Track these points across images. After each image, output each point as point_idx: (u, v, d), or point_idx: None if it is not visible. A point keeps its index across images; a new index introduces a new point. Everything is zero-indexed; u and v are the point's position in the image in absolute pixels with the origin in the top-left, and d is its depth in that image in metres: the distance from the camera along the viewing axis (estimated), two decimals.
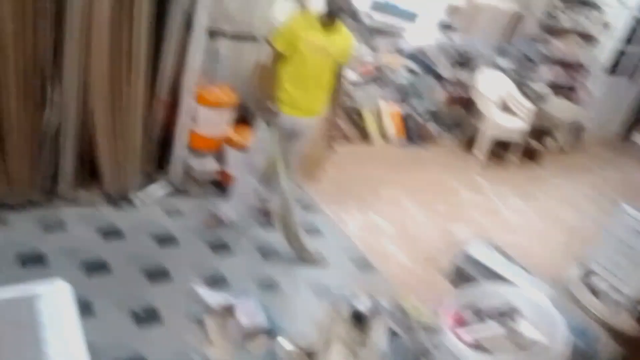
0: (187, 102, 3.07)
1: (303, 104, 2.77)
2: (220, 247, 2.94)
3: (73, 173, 2.87)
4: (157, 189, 3.17)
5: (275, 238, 3.05)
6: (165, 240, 2.86)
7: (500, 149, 5.24)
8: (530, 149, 5.46)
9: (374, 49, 4.50)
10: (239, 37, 3.28)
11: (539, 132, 5.48)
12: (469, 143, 5.34)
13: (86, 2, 2.45)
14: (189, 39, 2.92)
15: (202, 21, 2.88)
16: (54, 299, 1.47)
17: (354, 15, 4.24)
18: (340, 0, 2.56)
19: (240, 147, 3.23)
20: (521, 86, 5.45)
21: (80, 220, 2.81)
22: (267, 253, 3.01)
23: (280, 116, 2.75)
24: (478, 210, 4.24)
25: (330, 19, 2.61)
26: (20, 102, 2.49)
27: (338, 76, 2.86)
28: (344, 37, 2.75)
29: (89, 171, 2.95)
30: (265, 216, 3.23)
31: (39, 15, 2.37)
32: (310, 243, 3.03)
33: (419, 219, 3.84)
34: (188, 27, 2.87)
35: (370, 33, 4.38)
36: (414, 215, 3.87)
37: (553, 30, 5.70)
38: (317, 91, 2.79)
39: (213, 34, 3.12)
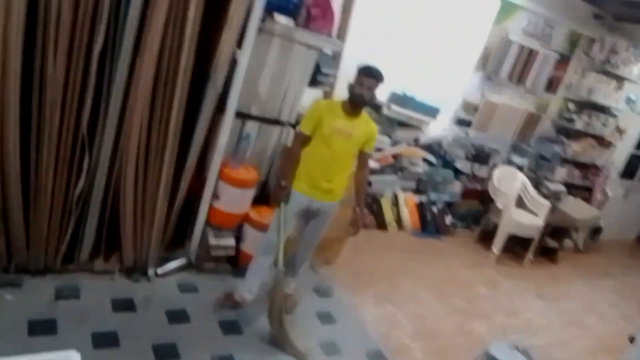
0: (212, 179, 3.15)
1: (322, 185, 2.78)
2: (231, 327, 2.87)
3: (93, 241, 2.89)
4: (174, 264, 3.16)
5: (290, 324, 2.96)
6: (177, 316, 2.81)
7: (516, 245, 5.19)
8: (546, 247, 5.41)
9: (393, 139, 4.64)
10: (267, 120, 3.43)
11: (556, 231, 5.45)
12: (484, 236, 5.32)
13: (127, 78, 2.60)
14: (219, 119, 3.05)
15: (233, 104, 3.02)
16: None
17: (375, 106, 4.44)
18: (364, 91, 2.64)
19: (259, 226, 3.26)
20: (537, 184, 5.52)
21: (94, 289, 2.79)
22: None
23: (297, 195, 2.78)
24: (496, 307, 4.13)
25: (353, 107, 2.71)
26: (56, 168, 2.58)
27: (363, 165, 2.92)
28: (367, 124, 2.81)
29: (108, 241, 2.97)
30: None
31: (83, 89, 2.52)
32: (302, 338, 2.90)
33: (436, 313, 3.73)
34: (220, 108, 3.01)
35: (390, 124, 4.54)
36: (431, 309, 3.77)
37: (568, 132, 5.87)
38: (337, 175, 2.81)
39: (242, 115, 3.27)
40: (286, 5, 3.52)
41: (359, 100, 2.67)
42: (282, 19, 3.24)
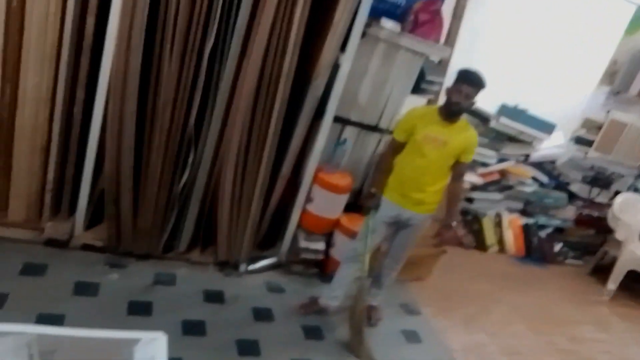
0: (307, 182, 3.17)
1: (413, 195, 2.65)
2: (313, 332, 2.85)
3: (192, 234, 3.05)
4: (264, 262, 3.23)
5: (371, 336, 2.88)
6: (262, 314, 2.86)
7: (637, 283, 4.60)
8: None
9: (500, 154, 4.36)
10: (365, 126, 3.39)
11: None
12: (597, 270, 4.79)
13: (233, 79, 2.72)
14: (318, 123, 3.07)
15: (332, 108, 3.02)
16: (151, 349, 1.50)
17: (482, 118, 4.21)
18: (461, 99, 2.46)
19: (350, 234, 3.22)
20: None
21: (189, 278, 2.93)
22: None
23: (387, 203, 2.70)
24: (605, 351, 3.66)
25: (448, 114, 2.55)
26: (163, 162, 2.76)
27: (459, 176, 2.74)
28: (465, 132, 2.63)
29: (205, 234, 3.11)
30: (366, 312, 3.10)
31: (193, 88, 2.67)
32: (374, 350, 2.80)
33: (533, 350, 3.40)
34: (318, 112, 3.03)
35: (498, 138, 4.27)
36: (528, 344, 3.44)
37: None
38: (431, 185, 2.65)
39: (341, 120, 3.26)
40: (393, 10, 3.47)
41: (455, 108, 2.50)
42: (388, 24, 3.19)
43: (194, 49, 2.57)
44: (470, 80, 2.45)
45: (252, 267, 3.16)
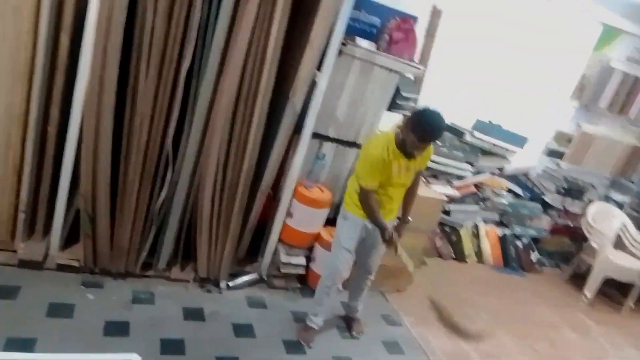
0: (287, 197, 3.18)
1: (384, 211, 2.70)
2: (295, 347, 2.83)
3: (171, 251, 3.02)
4: (245, 278, 3.22)
5: (351, 348, 2.89)
6: (243, 330, 2.83)
7: (613, 289, 4.71)
8: None
9: (476, 167, 4.45)
10: (343, 142, 3.42)
11: None
12: (573, 277, 4.89)
13: (211, 95, 2.72)
14: (296, 138, 3.10)
15: (310, 124, 3.05)
16: None
17: (458, 132, 4.29)
18: (415, 151, 2.47)
19: (330, 247, 3.22)
20: None
21: (168, 296, 2.90)
22: None
23: (357, 221, 2.71)
24: (584, 354, 3.74)
25: (407, 156, 2.54)
26: (141, 179, 2.74)
27: (417, 181, 2.84)
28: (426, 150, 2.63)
29: (185, 251, 3.09)
30: (347, 324, 3.13)
31: (171, 104, 2.67)
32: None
33: (513, 355, 3.45)
34: (297, 128, 3.06)
35: (473, 152, 4.35)
36: (509, 350, 3.49)
37: None
38: (398, 200, 2.78)
39: (319, 136, 3.29)
40: (369, 29, 3.56)
41: (409, 155, 2.53)
42: (363, 43, 3.26)
43: (171, 65, 2.58)
44: (429, 141, 2.47)
45: (232, 283, 3.15)
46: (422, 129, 2.38)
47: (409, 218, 2.89)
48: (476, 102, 4.39)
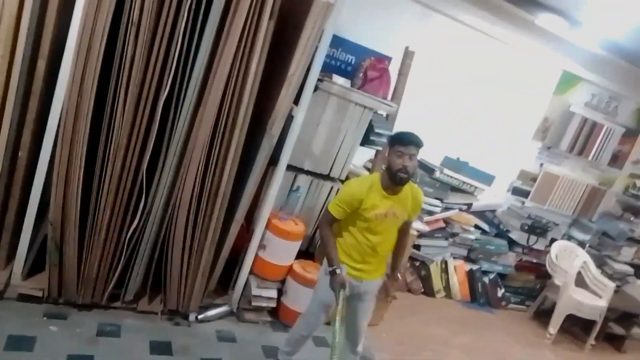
0: (260, 228, 3.18)
1: (367, 267, 2.50)
2: None
3: (140, 282, 2.95)
4: (215, 311, 3.16)
5: None
6: None
7: (576, 327, 4.82)
8: (611, 333, 4.97)
9: (445, 203, 4.55)
10: (318, 175, 3.47)
11: (622, 315, 5.02)
12: (539, 313, 4.99)
13: (188, 126, 2.73)
14: (271, 171, 3.12)
15: (286, 157, 3.09)
16: None
17: (428, 169, 4.40)
18: (406, 162, 2.30)
19: (303, 281, 3.22)
20: (600, 263, 5.18)
21: (135, 329, 2.81)
22: None
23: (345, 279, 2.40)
24: None
25: (396, 184, 2.37)
26: (113, 208, 2.69)
27: (406, 232, 2.65)
28: (412, 195, 2.49)
29: (154, 282, 3.02)
30: None
31: (147, 134, 2.66)
32: None
33: None
34: (273, 160, 3.09)
35: (442, 188, 4.46)
36: None
37: (636, 210, 5.53)
38: (384, 254, 2.56)
39: (294, 169, 3.32)
40: (345, 67, 3.67)
41: (404, 174, 2.30)
42: (340, 80, 3.36)
43: (149, 95, 2.58)
44: (410, 141, 2.32)
45: (202, 315, 3.08)
46: (399, 135, 2.37)
47: (398, 274, 2.68)
48: (445, 139, 4.55)
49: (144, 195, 2.75)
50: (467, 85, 4.55)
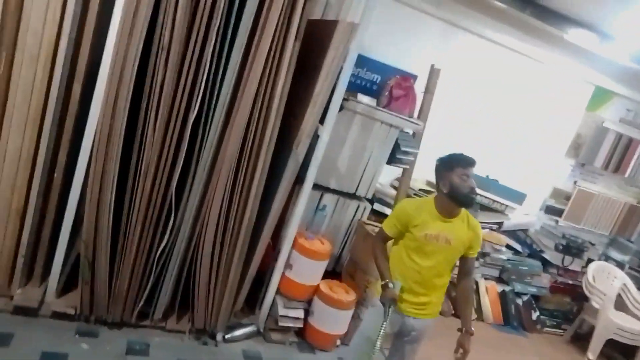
0: (287, 248, 3.18)
1: (415, 299, 2.36)
2: None
3: (169, 300, 2.98)
4: (242, 330, 3.15)
5: None
6: None
7: (616, 351, 4.60)
8: None
9: None
10: (344, 194, 3.46)
11: None
12: (576, 337, 4.79)
13: (216, 146, 2.78)
14: (297, 190, 3.13)
15: (312, 176, 3.10)
16: None
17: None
18: (471, 183, 2.26)
19: (329, 301, 3.19)
20: None
21: (163, 347, 2.83)
22: None
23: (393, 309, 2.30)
24: None
25: (458, 206, 2.30)
26: (143, 226, 2.74)
27: (467, 274, 2.45)
28: (469, 224, 2.36)
29: (182, 302, 3.04)
30: None
31: (176, 154, 2.72)
32: None
33: None
34: (298, 179, 3.10)
35: (473, 207, 4.38)
36: None
37: None
38: (435, 287, 2.39)
39: (320, 188, 3.33)
40: (370, 86, 3.69)
41: (471, 195, 2.25)
42: (365, 99, 3.37)
43: (179, 116, 2.65)
44: (472, 163, 2.30)
45: (229, 335, 3.08)
46: (457, 157, 2.34)
47: (472, 328, 2.43)
48: (473, 157, 4.47)
49: (173, 214, 2.80)
50: (496, 102, 4.50)
